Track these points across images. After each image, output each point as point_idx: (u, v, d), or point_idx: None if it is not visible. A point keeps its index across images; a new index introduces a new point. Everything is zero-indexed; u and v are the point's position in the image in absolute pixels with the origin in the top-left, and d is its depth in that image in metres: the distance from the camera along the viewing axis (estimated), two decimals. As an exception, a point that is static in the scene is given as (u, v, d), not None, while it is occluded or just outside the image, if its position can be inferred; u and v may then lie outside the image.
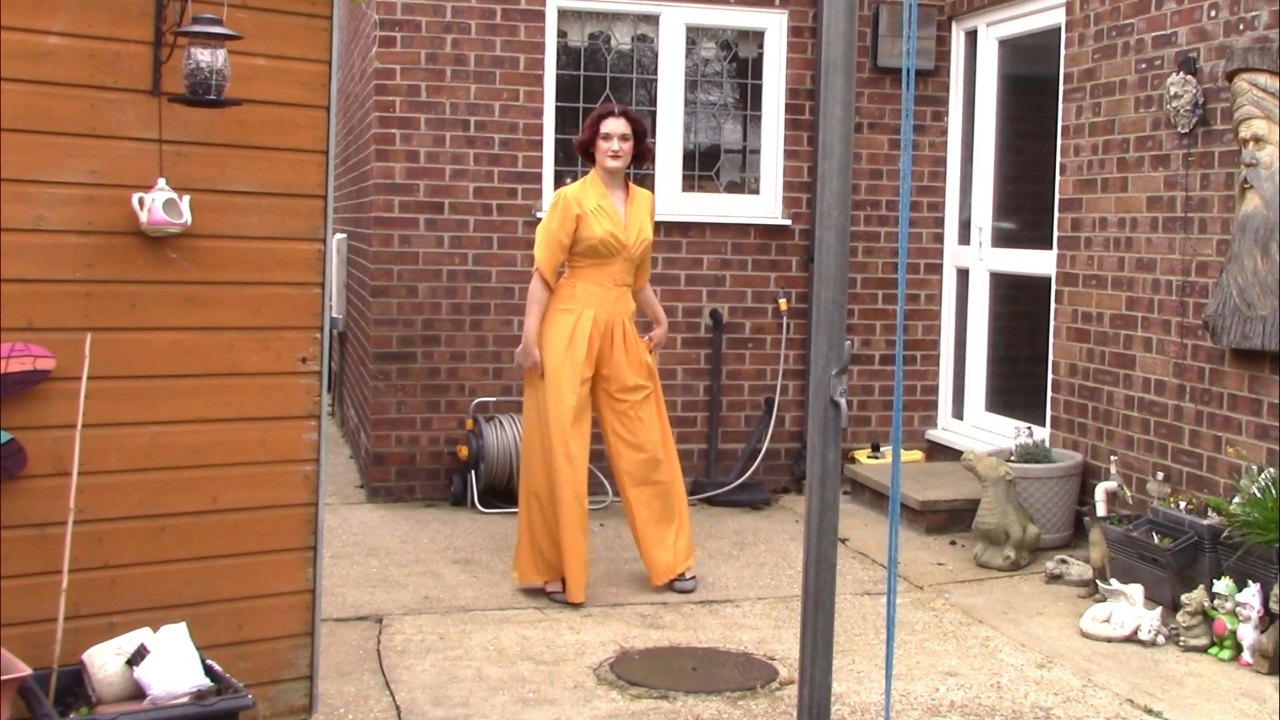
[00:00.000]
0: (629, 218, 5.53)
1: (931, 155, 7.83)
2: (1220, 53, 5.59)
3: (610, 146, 5.49)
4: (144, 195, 3.56)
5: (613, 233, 5.44)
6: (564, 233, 5.42)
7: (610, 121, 5.51)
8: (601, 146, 5.51)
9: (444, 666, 4.64)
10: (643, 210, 5.61)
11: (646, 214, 5.63)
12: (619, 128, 5.50)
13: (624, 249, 5.48)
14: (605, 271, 5.49)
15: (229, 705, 3.38)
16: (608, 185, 5.54)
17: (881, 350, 7.85)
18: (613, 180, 5.55)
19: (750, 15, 7.58)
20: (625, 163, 5.53)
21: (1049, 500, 6.31)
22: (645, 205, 5.64)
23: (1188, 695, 4.51)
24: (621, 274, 5.52)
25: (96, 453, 3.57)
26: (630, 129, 5.52)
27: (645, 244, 5.58)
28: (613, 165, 5.50)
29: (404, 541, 6.38)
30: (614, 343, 5.51)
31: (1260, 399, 5.39)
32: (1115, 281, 6.29)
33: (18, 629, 3.48)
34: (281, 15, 3.78)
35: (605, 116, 5.54)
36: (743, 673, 4.60)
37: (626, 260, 5.51)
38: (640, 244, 5.55)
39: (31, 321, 3.49)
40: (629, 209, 5.55)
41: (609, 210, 5.47)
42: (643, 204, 5.62)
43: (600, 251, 5.45)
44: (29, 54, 3.44)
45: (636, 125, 5.56)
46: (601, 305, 5.48)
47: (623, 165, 5.52)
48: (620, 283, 5.53)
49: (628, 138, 5.51)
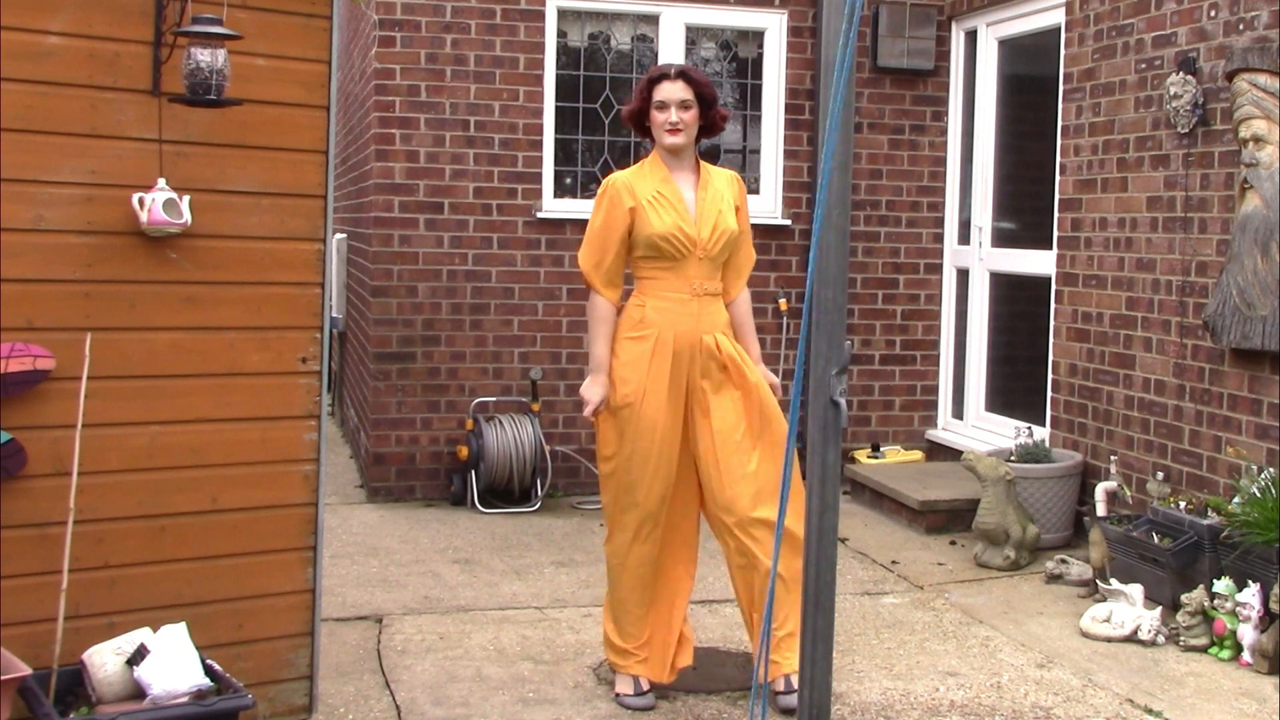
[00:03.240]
0: (701, 206, 4.31)
1: (931, 155, 7.83)
2: (1220, 53, 5.59)
3: (667, 118, 4.29)
4: (144, 195, 3.56)
5: (680, 225, 4.26)
6: (612, 230, 4.29)
7: (666, 86, 4.29)
8: (657, 118, 4.32)
9: (444, 666, 4.64)
10: (721, 195, 4.35)
11: (727, 199, 4.36)
12: (677, 93, 4.28)
13: (695, 246, 4.27)
14: (678, 278, 4.29)
15: (229, 705, 3.38)
16: (671, 166, 4.36)
17: (882, 350, 7.85)
18: (677, 160, 4.36)
19: (750, 15, 7.58)
20: (690, 137, 4.33)
21: (1049, 500, 6.31)
22: (726, 188, 4.38)
23: (1188, 695, 4.51)
24: (700, 279, 4.29)
25: (96, 452, 3.57)
26: (693, 93, 4.31)
27: (726, 238, 4.31)
28: (673, 141, 4.30)
29: (404, 541, 6.38)
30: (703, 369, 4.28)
31: (1260, 399, 5.39)
32: (1115, 281, 6.29)
33: (18, 629, 3.48)
34: (281, 15, 3.78)
35: (659, 79, 4.33)
36: (743, 672, 4.60)
37: (704, 260, 4.29)
38: (719, 238, 4.29)
39: (31, 321, 3.49)
40: (701, 194, 4.33)
41: (671, 198, 4.29)
42: (721, 187, 4.38)
43: (665, 252, 4.26)
44: (29, 54, 3.44)
45: (701, 88, 4.33)
46: (679, 325, 4.26)
47: (687, 141, 4.32)
48: (701, 291, 4.28)
49: (689, 105, 4.29)
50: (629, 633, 4.36)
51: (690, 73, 4.33)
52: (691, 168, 4.39)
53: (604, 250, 4.31)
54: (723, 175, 4.44)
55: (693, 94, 4.30)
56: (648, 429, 4.22)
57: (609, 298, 4.33)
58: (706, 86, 4.34)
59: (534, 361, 7.33)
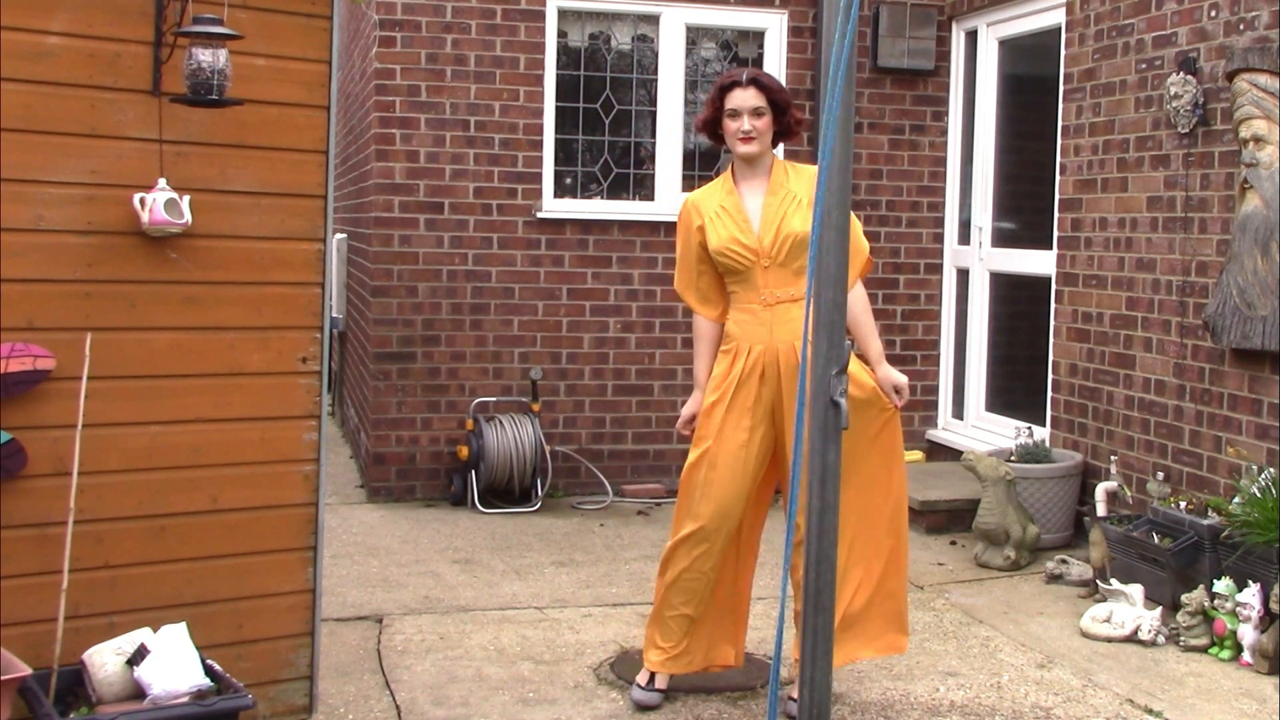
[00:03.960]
0: (767, 212, 4.20)
1: (931, 155, 7.83)
2: (1220, 53, 5.59)
3: (740, 127, 4.21)
4: (145, 195, 3.56)
5: (735, 238, 4.20)
6: (688, 249, 4.32)
7: (738, 94, 4.22)
8: (730, 127, 4.25)
9: (444, 666, 4.64)
10: (794, 196, 4.20)
11: (800, 200, 4.19)
12: (749, 101, 4.20)
13: (758, 255, 4.18)
14: (749, 289, 4.22)
15: (229, 705, 3.38)
16: (743, 176, 4.29)
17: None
18: (751, 168, 4.27)
19: (750, 15, 7.58)
20: (764, 145, 4.24)
21: (1049, 500, 6.31)
22: (804, 187, 4.20)
23: (1188, 695, 4.51)
24: (772, 287, 4.18)
25: (97, 453, 3.57)
26: (765, 99, 4.22)
27: (792, 241, 4.14)
28: (747, 150, 4.22)
29: (404, 541, 6.38)
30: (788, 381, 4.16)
31: (1260, 399, 5.39)
32: (1115, 281, 6.29)
33: (18, 629, 3.48)
34: (281, 15, 3.78)
35: (731, 87, 4.25)
36: (743, 672, 4.60)
37: (772, 268, 4.17)
38: (783, 242, 4.15)
39: (32, 321, 3.49)
40: (769, 200, 4.22)
41: (732, 210, 4.24)
42: (798, 188, 4.21)
43: (729, 266, 4.23)
44: (29, 54, 3.44)
45: (774, 94, 4.24)
46: (757, 336, 4.18)
47: (761, 149, 4.23)
48: (774, 299, 4.18)
49: (762, 112, 4.22)
50: (663, 631, 4.32)
51: (762, 78, 4.25)
52: (765, 174, 4.28)
53: (687, 269, 4.35)
54: (805, 174, 4.25)
55: (765, 100, 4.22)
56: (726, 441, 4.18)
57: (706, 315, 4.35)
58: (779, 92, 4.26)
59: (534, 361, 7.33)
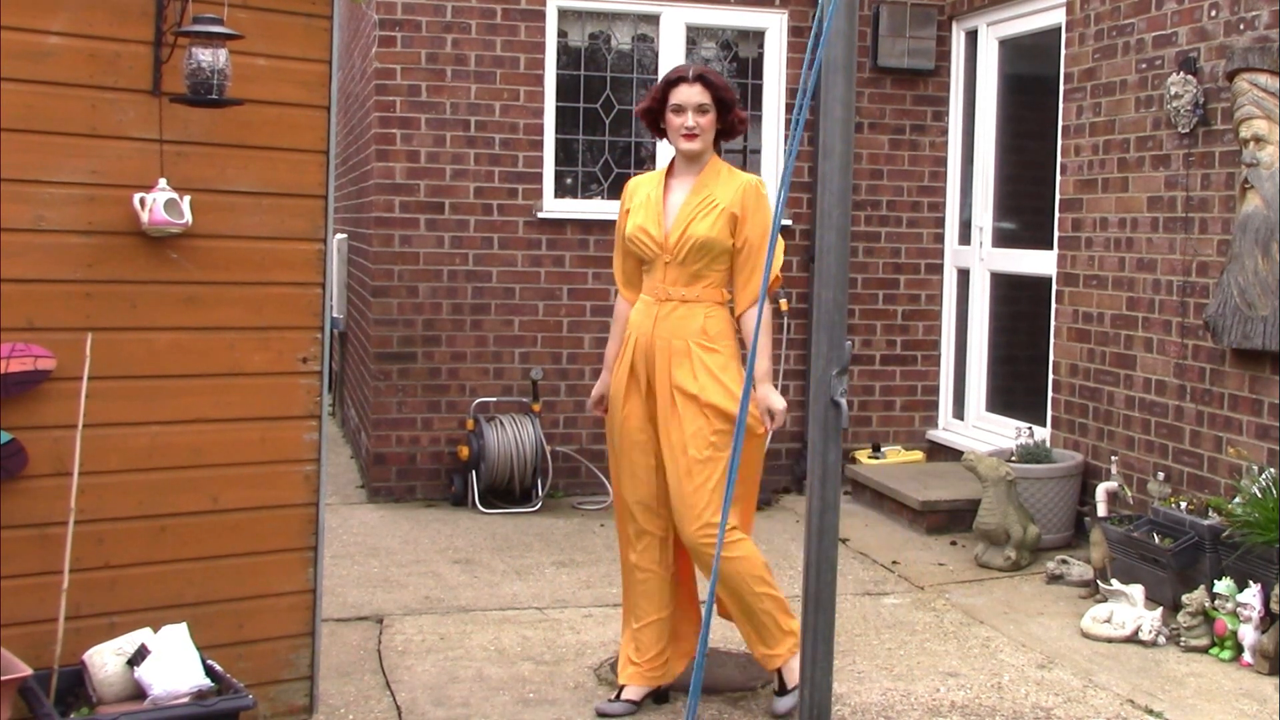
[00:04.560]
0: (684, 209, 4.12)
1: (932, 155, 7.83)
2: (1221, 52, 5.59)
3: (683, 123, 4.12)
4: (145, 195, 3.56)
5: (644, 228, 4.16)
6: (620, 229, 4.30)
7: (684, 89, 4.12)
8: (673, 122, 4.15)
9: (445, 667, 4.64)
10: (714, 201, 4.11)
11: (723, 206, 4.09)
12: (695, 97, 4.10)
13: (661, 250, 4.14)
14: (650, 280, 4.21)
15: (230, 705, 3.38)
16: (680, 171, 4.23)
17: (882, 350, 7.85)
18: (689, 165, 4.20)
19: (750, 15, 7.58)
20: (706, 142, 4.15)
21: (1050, 500, 6.31)
22: (729, 195, 4.11)
23: (1188, 696, 4.51)
24: (669, 284, 4.15)
25: (97, 453, 3.57)
26: (711, 97, 4.12)
27: (692, 244, 4.08)
28: (688, 147, 4.13)
29: (404, 542, 6.38)
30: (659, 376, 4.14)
31: (1261, 399, 5.39)
32: (1116, 281, 6.29)
33: (18, 629, 3.48)
34: (282, 15, 3.78)
35: (677, 82, 4.15)
36: (743, 672, 4.60)
37: (672, 265, 4.13)
38: (684, 243, 4.09)
39: (32, 321, 3.49)
40: (691, 198, 4.13)
41: (654, 202, 4.17)
42: (722, 194, 4.12)
43: (638, 255, 4.22)
44: (29, 54, 3.44)
45: (720, 91, 4.15)
46: (643, 326, 4.18)
47: (703, 146, 4.14)
48: (666, 295, 4.15)
49: (707, 109, 4.12)
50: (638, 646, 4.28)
51: (709, 75, 4.17)
52: (698, 172, 4.19)
53: (617, 250, 4.36)
54: (734, 182, 4.17)
55: (710, 98, 4.13)
56: (617, 426, 4.25)
57: (625, 297, 4.35)
58: (726, 90, 4.18)
59: (535, 362, 7.33)
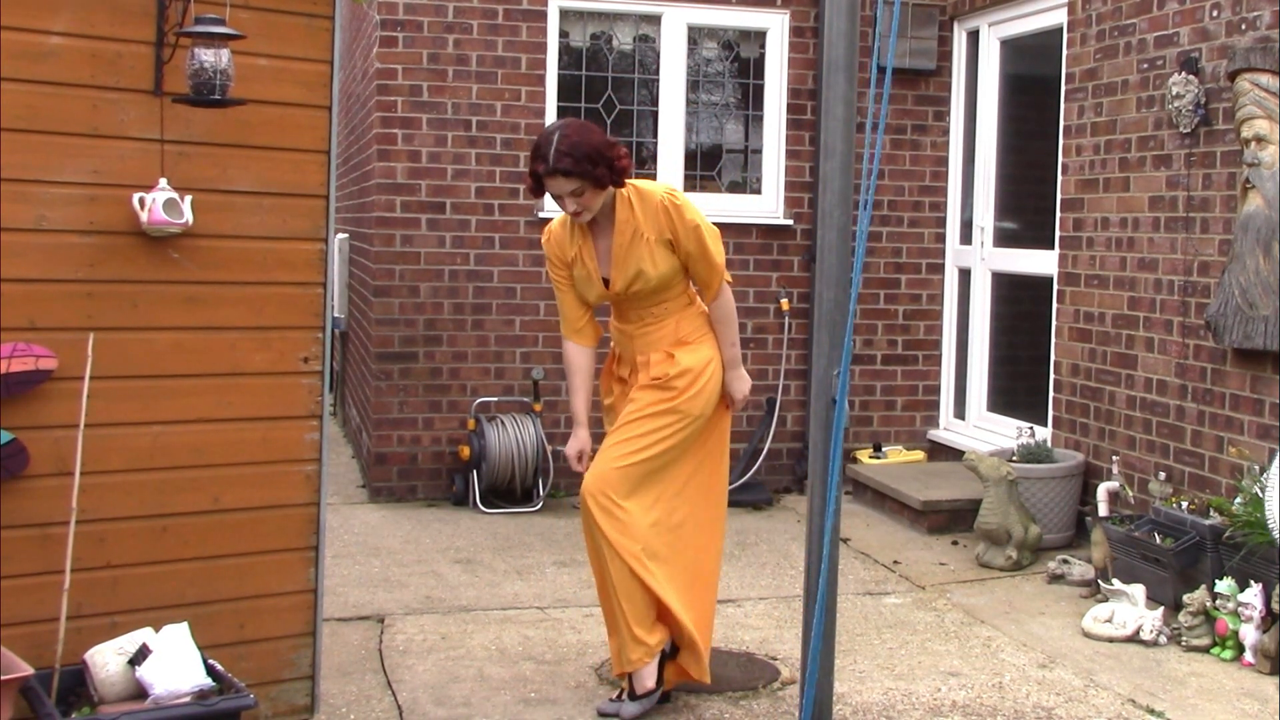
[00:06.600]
0: (616, 255, 4.15)
1: (933, 155, 7.83)
2: (1222, 52, 5.59)
3: (565, 208, 4.13)
4: (145, 195, 3.57)
5: (590, 287, 4.27)
6: (562, 281, 4.31)
7: (549, 182, 4.05)
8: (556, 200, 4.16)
9: (446, 666, 4.64)
10: (641, 236, 4.12)
11: (650, 238, 4.12)
12: (562, 187, 4.03)
13: (616, 295, 4.23)
14: (618, 311, 4.33)
15: (231, 705, 3.38)
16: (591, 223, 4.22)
17: (883, 350, 7.85)
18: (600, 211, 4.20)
19: (752, 15, 7.58)
20: (595, 206, 4.10)
21: (1051, 500, 6.31)
22: (651, 224, 4.13)
23: (1190, 695, 4.51)
24: (633, 312, 4.26)
25: (99, 452, 3.57)
26: (577, 179, 4.01)
27: (641, 284, 4.15)
28: (581, 221, 4.18)
29: (406, 541, 6.38)
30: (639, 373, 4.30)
31: (1262, 399, 5.39)
32: (1117, 281, 6.29)
33: (20, 628, 3.48)
34: (283, 15, 3.78)
35: (545, 177, 4.05)
36: (744, 672, 4.60)
37: (629, 303, 4.24)
38: (632, 283, 4.15)
39: (33, 321, 3.50)
40: (618, 242, 4.14)
41: (586, 258, 4.22)
42: (644, 225, 4.13)
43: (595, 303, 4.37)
44: (30, 54, 3.45)
45: (582, 166, 3.99)
46: (622, 344, 4.37)
47: (592, 214, 4.13)
48: (636, 319, 4.26)
49: (580, 190, 4.03)
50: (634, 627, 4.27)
51: (563, 164, 3.97)
52: (610, 211, 4.15)
53: (562, 304, 4.36)
54: (649, 206, 4.12)
55: (578, 180, 4.01)
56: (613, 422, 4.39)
57: (577, 343, 4.35)
58: (586, 161, 3.98)
59: (536, 361, 7.33)
